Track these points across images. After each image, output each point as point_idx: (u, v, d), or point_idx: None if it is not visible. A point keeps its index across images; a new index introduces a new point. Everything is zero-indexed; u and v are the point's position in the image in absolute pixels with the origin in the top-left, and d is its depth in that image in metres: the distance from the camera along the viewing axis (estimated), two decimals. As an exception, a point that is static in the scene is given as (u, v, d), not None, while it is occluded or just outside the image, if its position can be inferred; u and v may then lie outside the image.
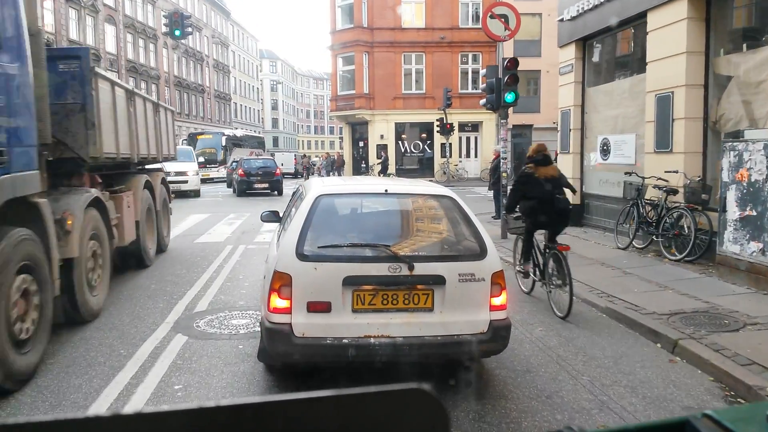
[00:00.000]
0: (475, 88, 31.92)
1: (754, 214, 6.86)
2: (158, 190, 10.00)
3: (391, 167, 31.13)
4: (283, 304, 3.96)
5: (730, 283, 7.18)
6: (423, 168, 33.12)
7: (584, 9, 11.76)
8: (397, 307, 4.04)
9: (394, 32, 32.58)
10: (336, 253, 4.10)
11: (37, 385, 4.41)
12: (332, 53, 33.49)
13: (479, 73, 31.51)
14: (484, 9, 16.77)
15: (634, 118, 10.75)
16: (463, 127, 32.52)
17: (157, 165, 10.76)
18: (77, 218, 5.69)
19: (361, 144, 34.40)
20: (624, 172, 10.43)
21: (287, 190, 22.78)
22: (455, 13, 32.84)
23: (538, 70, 30.27)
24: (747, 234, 6.98)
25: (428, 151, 33.56)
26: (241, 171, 24.22)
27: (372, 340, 3.96)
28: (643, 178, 9.77)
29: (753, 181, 6.90)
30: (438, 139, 30.96)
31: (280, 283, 3.96)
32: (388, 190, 4.76)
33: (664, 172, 9.17)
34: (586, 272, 8.13)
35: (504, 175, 11.64)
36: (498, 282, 4.16)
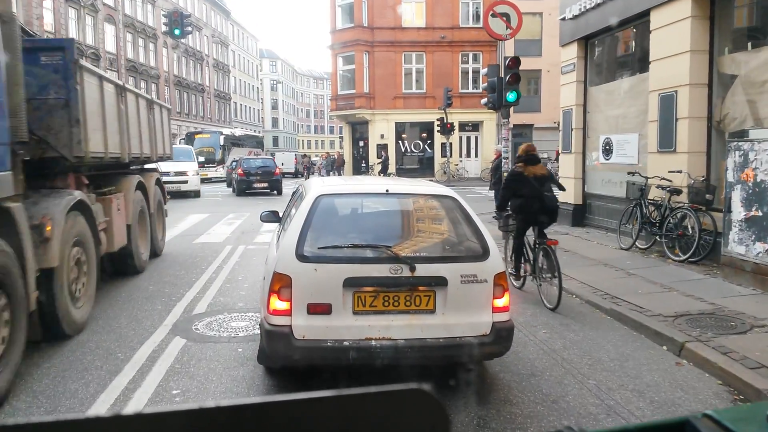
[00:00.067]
0: (475, 88, 31.87)
1: (760, 214, 6.78)
2: (152, 191, 9.54)
3: (392, 167, 31.06)
4: (283, 305, 3.90)
5: (735, 284, 7.10)
6: (423, 168, 33.05)
7: (586, 7, 11.67)
8: (399, 309, 3.97)
9: (394, 31, 32.50)
10: (336, 254, 4.04)
11: (33, 391, 4.32)
12: (332, 53, 33.41)
13: (480, 72, 31.46)
14: (485, 8, 16.68)
15: (637, 118, 10.66)
16: (463, 126, 32.48)
17: (152, 165, 10.41)
18: (58, 223, 5.18)
19: (362, 143, 34.31)
20: (627, 172, 10.34)
21: (287, 190, 22.71)
22: (455, 13, 32.78)
23: (539, 70, 30.22)
24: (753, 235, 6.90)
25: (428, 150, 33.48)
26: (240, 170, 24.20)
27: (373, 343, 3.90)
28: (647, 178, 9.67)
29: (759, 181, 6.81)
30: (438, 138, 30.91)
31: (280, 284, 3.90)
32: (389, 190, 4.70)
33: (668, 171, 9.09)
34: (590, 273, 8.05)
35: (505, 174, 11.56)
36: (500, 283, 4.11)
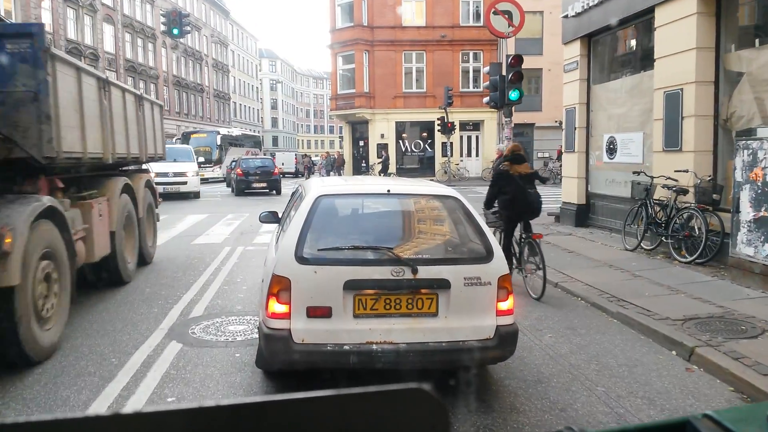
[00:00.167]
0: (476, 87, 31.76)
1: (770, 214, 6.63)
2: (141, 194, 8.76)
3: (392, 167, 30.93)
4: (282, 309, 3.79)
5: (743, 286, 6.95)
6: (424, 167, 32.91)
7: (589, 5, 11.53)
8: (400, 312, 3.87)
9: (394, 31, 32.35)
10: (336, 255, 3.94)
11: (23, 398, 4.18)
12: (332, 52, 33.27)
13: (480, 71, 31.40)
14: (486, 6, 16.53)
15: (642, 116, 10.52)
16: (464, 126, 32.33)
17: (144, 166, 9.93)
18: (20, 234, 4.54)
19: (362, 143, 34.16)
20: (632, 171, 10.17)
21: (287, 190, 22.58)
22: (456, 12, 32.62)
23: (540, 69, 30.04)
24: (762, 235, 6.75)
25: (429, 150, 33.33)
26: (239, 170, 24.09)
27: (374, 347, 3.79)
28: (652, 178, 9.52)
29: (768, 180, 6.67)
30: (439, 138, 30.78)
31: (279, 287, 3.79)
32: (390, 190, 4.58)
33: (674, 171, 8.93)
34: (595, 275, 7.90)
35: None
36: (504, 286, 4.01)
